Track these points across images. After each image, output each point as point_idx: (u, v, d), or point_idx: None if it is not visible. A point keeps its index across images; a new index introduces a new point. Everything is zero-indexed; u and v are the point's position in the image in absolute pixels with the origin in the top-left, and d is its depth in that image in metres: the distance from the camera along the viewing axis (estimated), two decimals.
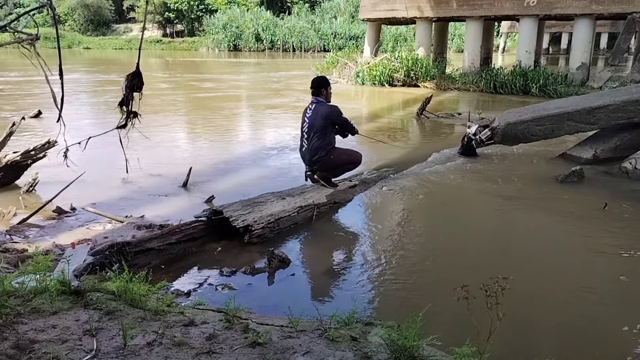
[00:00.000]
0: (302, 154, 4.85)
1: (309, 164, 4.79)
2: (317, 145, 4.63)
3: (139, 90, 3.41)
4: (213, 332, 1.94)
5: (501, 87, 14.00)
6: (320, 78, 4.87)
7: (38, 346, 1.74)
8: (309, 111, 4.71)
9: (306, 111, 4.76)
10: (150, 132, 7.47)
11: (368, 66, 15.91)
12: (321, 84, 4.73)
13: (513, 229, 4.26)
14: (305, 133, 4.71)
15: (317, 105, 4.68)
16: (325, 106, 4.68)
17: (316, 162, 4.71)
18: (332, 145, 4.75)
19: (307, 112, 4.73)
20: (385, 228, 4.30)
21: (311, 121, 4.65)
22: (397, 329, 1.99)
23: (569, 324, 2.73)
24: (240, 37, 42.83)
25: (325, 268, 3.40)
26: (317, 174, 4.83)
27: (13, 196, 4.67)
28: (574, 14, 14.14)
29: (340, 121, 4.75)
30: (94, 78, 18.18)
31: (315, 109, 4.67)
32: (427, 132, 9.02)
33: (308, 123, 4.68)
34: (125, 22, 52.41)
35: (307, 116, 4.71)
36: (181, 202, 4.75)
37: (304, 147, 4.75)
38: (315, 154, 4.67)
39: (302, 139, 4.77)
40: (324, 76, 5.02)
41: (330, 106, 4.72)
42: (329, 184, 4.78)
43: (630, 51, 21.63)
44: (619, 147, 6.06)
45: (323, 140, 4.64)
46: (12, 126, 5.21)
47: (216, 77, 19.34)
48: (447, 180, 5.50)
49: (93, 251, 3.02)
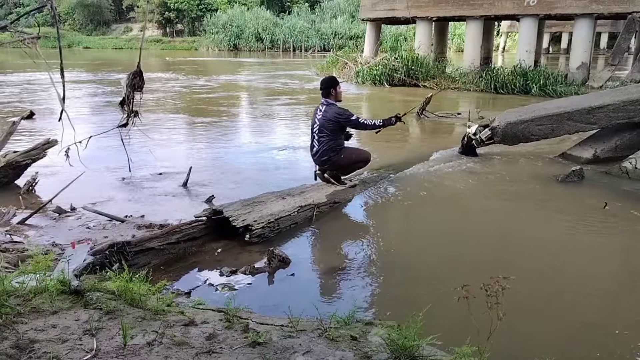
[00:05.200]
0: (312, 154, 4.87)
1: (318, 163, 4.83)
2: (327, 147, 4.67)
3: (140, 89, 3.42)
4: (213, 331, 1.94)
5: (501, 86, 14.00)
6: (329, 78, 4.87)
7: (38, 346, 1.74)
8: (319, 112, 4.72)
9: (316, 112, 4.77)
10: (151, 132, 7.48)
11: (368, 66, 15.92)
12: (330, 84, 4.73)
13: (513, 228, 4.25)
14: (315, 134, 4.73)
15: (327, 107, 4.69)
16: (335, 108, 4.68)
17: (326, 162, 4.76)
18: (342, 146, 4.78)
19: (317, 114, 4.74)
20: (385, 228, 4.30)
21: (321, 123, 4.67)
22: (397, 328, 1.99)
23: (569, 324, 2.73)
24: (240, 36, 42.85)
25: (325, 268, 3.40)
26: (327, 173, 4.87)
27: (13, 196, 4.66)
28: (574, 14, 14.15)
29: (350, 124, 4.72)
30: (94, 77, 18.17)
31: (325, 111, 4.68)
32: (427, 132, 9.02)
33: (318, 125, 4.70)
34: (125, 22, 52.42)
35: (317, 117, 4.73)
36: (181, 201, 4.75)
37: (315, 148, 4.77)
38: (325, 155, 4.71)
39: (313, 140, 4.79)
40: (332, 76, 5.03)
41: (340, 109, 4.71)
42: (339, 182, 4.85)
43: (630, 51, 21.61)
44: (619, 147, 6.06)
45: (334, 141, 4.68)
46: (12, 125, 5.21)
47: (216, 77, 19.33)
48: (447, 180, 5.50)
49: (93, 251, 3.02)
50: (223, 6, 46.25)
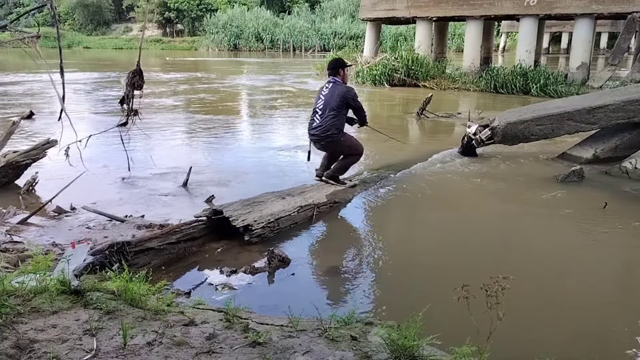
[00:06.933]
0: (312, 130, 4.84)
1: (317, 139, 4.81)
2: (330, 123, 4.68)
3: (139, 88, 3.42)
4: (213, 331, 1.94)
5: (501, 86, 14.00)
6: (338, 59, 5.05)
7: (38, 346, 1.74)
8: (325, 89, 4.79)
9: (322, 89, 4.83)
10: (150, 132, 7.48)
11: (368, 66, 15.91)
12: (339, 65, 4.86)
13: (513, 228, 4.25)
14: (319, 110, 4.75)
15: (333, 85, 4.75)
16: (342, 87, 4.77)
17: (327, 137, 4.74)
18: (343, 128, 4.82)
19: (323, 90, 4.80)
20: (385, 228, 4.30)
21: (327, 99, 4.71)
22: (397, 328, 1.99)
23: (569, 324, 2.73)
24: (240, 36, 42.85)
25: (325, 268, 3.40)
26: (324, 176, 4.90)
27: (13, 196, 4.66)
28: (574, 14, 14.15)
29: (355, 104, 4.80)
30: (94, 77, 18.17)
31: (332, 88, 4.74)
32: (427, 132, 9.02)
33: (323, 100, 4.73)
34: (125, 22, 52.43)
35: (322, 94, 4.78)
36: (181, 201, 4.75)
37: (315, 123, 4.77)
38: (327, 130, 4.70)
39: (315, 115, 4.79)
40: (341, 58, 5.14)
41: (347, 87, 4.82)
42: (338, 182, 4.87)
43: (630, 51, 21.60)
44: (619, 147, 6.06)
45: (337, 119, 4.70)
46: (12, 125, 5.21)
47: (216, 77, 19.33)
48: (447, 180, 5.50)
49: (93, 251, 3.01)
50: (223, 6, 46.25)
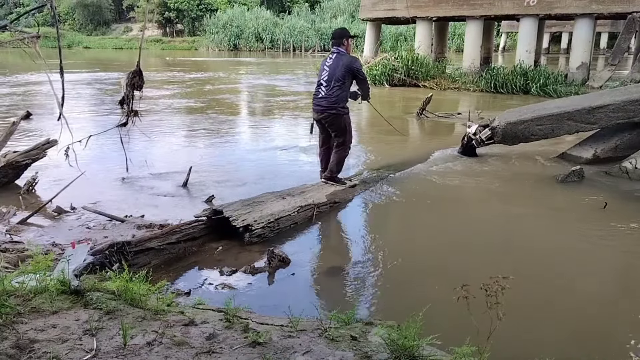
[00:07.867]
0: (316, 101, 4.76)
1: (322, 109, 4.71)
2: (337, 94, 4.61)
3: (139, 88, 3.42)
4: (213, 331, 1.94)
5: (501, 86, 14.00)
6: (342, 29, 4.93)
7: (38, 346, 1.74)
8: (329, 60, 4.70)
9: (326, 60, 4.75)
10: (150, 131, 7.48)
11: (368, 65, 15.91)
12: (343, 35, 4.75)
13: (513, 228, 4.25)
14: (324, 81, 4.67)
15: (337, 55, 4.67)
16: (347, 56, 4.68)
17: (331, 108, 4.66)
18: (347, 103, 4.73)
19: (327, 61, 4.71)
20: (385, 228, 4.30)
21: (332, 70, 4.63)
22: (397, 328, 1.99)
23: (569, 324, 2.73)
24: (240, 36, 42.84)
25: (325, 268, 3.40)
26: (323, 177, 4.90)
27: (13, 196, 4.66)
28: (574, 14, 14.15)
29: (360, 74, 4.73)
30: (94, 77, 18.16)
31: (336, 59, 4.66)
32: (427, 132, 9.02)
33: (328, 72, 4.65)
34: (125, 22, 52.42)
35: (326, 65, 4.70)
36: (181, 201, 4.75)
37: (321, 95, 4.69)
38: (334, 102, 4.63)
39: (320, 87, 4.72)
40: (345, 27, 5.02)
41: (352, 57, 4.74)
42: (339, 183, 4.86)
43: (630, 51, 21.62)
44: (619, 147, 6.06)
45: (342, 90, 4.63)
46: (12, 125, 5.21)
47: (216, 77, 19.32)
48: (447, 180, 5.50)
49: (93, 251, 3.02)
50: (223, 6, 46.23)
